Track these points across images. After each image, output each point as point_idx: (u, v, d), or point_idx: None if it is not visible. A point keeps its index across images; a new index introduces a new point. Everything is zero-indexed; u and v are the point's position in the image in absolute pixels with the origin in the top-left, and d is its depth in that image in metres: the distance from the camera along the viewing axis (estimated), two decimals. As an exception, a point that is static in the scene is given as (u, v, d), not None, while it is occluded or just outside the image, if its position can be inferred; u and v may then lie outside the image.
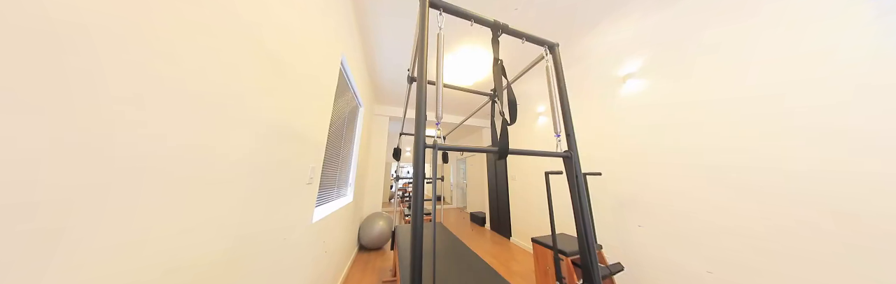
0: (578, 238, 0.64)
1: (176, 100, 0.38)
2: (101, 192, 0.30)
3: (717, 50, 1.26)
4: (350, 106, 2.06)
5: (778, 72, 1.05)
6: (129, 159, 0.32)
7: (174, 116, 0.38)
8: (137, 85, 0.33)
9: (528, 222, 2.70)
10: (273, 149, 0.70)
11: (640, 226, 1.48)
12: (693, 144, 1.31)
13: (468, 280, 1.01)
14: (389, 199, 6.73)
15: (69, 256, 0.27)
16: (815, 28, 0.98)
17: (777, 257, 1.00)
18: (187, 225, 0.42)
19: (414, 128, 0.50)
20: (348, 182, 2.20)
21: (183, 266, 0.41)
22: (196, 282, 0.44)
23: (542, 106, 2.65)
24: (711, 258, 1.19)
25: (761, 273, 1.03)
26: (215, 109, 0.46)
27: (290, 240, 0.85)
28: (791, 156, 0.99)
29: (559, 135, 0.75)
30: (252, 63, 0.57)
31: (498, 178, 3.55)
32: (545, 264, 1.53)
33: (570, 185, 0.69)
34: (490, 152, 0.60)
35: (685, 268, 1.29)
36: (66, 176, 0.26)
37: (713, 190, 1.21)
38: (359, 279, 1.90)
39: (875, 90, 0.84)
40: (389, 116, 3.54)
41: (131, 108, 0.32)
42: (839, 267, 0.86)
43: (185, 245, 0.42)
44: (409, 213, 3.00)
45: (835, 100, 0.91)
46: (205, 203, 0.45)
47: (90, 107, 0.28)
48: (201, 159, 0.44)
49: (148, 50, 0.34)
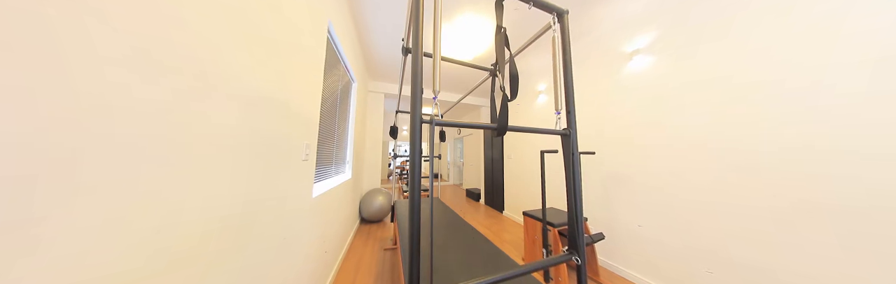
0: (568, 210, 0.68)
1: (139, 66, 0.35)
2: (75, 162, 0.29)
3: (734, 28, 1.16)
4: (343, 81, 1.96)
5: (802, 54, 0.98)
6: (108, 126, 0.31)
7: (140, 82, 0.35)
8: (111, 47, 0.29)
9: (520, 197, 2.85)
10: (263, 125, 0.67)
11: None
12: (689, 125, 1.31)
13: (463, 247, 1.10)
14: (388, 177, 6.93)
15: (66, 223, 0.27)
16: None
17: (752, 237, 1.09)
18: (184, 198, 0.42)
19: (410, 103, 0.48)
20: (346, 159, 2.23)
21: (175, 242, 0.43)
22: (201, 260, 0.46)
23: (543, 84, 2.56)
24: (686, 231, 1.30)
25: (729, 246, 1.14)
26: (190, 78, 0.43)
27: (291, 215, 0.89)
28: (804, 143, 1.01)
29: (559, 113, 0.74)
30: (224, 27, 0.51)
31: (494, 157, 3.62)
32: (534, 234, 1.66)
33: (566, 163, 0.70)
34: (489, 128, 0.59)
35: (661, 241, 1.42)
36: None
37: (706, 173, 1.25)
38: (362, 247, 2.07)
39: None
40: (384, 93, 3.42)
41: (115, 70, 0.29)
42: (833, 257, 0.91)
43: (177, 220, 0.43)
44: (408, 189, 3.13)
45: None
46: (201, 177, 0.45)
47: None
48: (188, 131, 0.42)
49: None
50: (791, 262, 0.97)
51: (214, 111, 0.48)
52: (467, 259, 0.99)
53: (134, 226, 0.34)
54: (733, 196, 1.13)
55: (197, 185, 0.44)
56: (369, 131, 3.29)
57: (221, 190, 0.51)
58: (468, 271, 0.89)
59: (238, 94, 0.55)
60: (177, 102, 0.39)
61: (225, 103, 0.51)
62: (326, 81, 1.42)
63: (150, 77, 0.35)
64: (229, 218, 0.53)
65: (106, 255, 0.31)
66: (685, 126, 1.33)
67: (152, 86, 0.36)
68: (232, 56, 0.53)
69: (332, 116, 1.66)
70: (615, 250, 1.66)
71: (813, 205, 0.93)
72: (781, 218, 1.00)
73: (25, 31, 0.24)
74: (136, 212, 0.34)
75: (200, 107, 0.44)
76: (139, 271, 0.34)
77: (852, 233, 0.85)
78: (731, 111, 1.16)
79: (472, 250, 1.07)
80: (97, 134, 0.29)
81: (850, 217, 0.85)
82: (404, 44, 0.98)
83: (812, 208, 0.93)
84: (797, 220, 0.96)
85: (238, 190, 0.56)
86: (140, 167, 0.34)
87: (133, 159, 0.33)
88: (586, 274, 0.67)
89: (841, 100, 0.89)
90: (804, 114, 0.96)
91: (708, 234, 1.22)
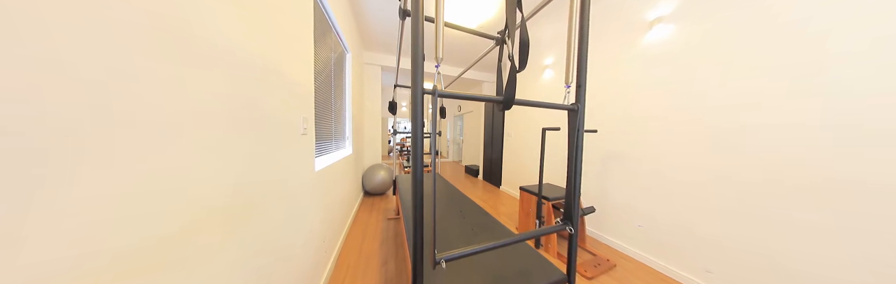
0: (567, 185, 0.69)
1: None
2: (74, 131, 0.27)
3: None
4: (336, 52, 1.82)
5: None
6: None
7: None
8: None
9: (518, 174, 2.93)
10: (256, 96, 0.64)
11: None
12: (697, 105, 1.26)
13: (462, 218, 1.16)
14: (388, 153, 7.04)
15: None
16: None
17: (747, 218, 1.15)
18: (184, 165, 0.42)
19: (411, 72, 0.44)
20: (346, 135, 2.21)
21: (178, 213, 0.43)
22: (207, 228, 0.48)
23: (551, 57, 2.40)
24: (671, 206, 1.36)
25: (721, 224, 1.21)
26: (180, 44, 0.38)
27: (296, 187, 0.91)
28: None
29: (569, 86, 0.69)
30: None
31: (494, 134, 3.61)
32: (528, 207, 1.75)
33: (570, 139, 0.68)
34: (494, 102, 0.56)
35: (653, 215, 1.50)
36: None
37: (709, 153, 1.25)
38: (367, 217, 2.20)
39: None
40: (381, 66, 3.23)
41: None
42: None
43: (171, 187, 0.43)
44: (408, 165, 3.21)
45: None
46: (199, 150, 0.44)
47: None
48: (182, 100, 0.39)
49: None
50: (781, 240, 1.03)
51: (204, 80, 0.44)
52: (466, 228, 1.05)
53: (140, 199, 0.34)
54: (726, 174, 1.16)
55: (197, 159, 0.43)
56: (367, 106, 3.21)
57: (221, 164, 0.50)
58: (467, 239, 0.96)
59: (227, 61, 0.50)
60: (163, 70, 0.36)
61: (213, 71, 0.46)
62: (319, 51, 1.32)
63: (130, 41, 0.31)
64: (236, 189, 0.54)
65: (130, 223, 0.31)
66: (699, 107, 1.28)
67: (135, 55, 0.31)
68: (214, 14, 0.46)
69: (327, 90, 1.59)
70: (603, 221, 1.78)
71: (812, 182, 0.95)
72: (776, 195, 1.03)
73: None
74: (145, 184, 0.33)
75: (190, 75, 0.40)
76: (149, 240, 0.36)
77: (848, 212, 0.87)
78: (745, 87, 1.10)
79: (470, 220, 1.14)
80: (92, 105, 0.27)
81: (848, 195, 0.88)
82: (401, 5, 0.87)
83: (810, 186, 0.95)
84: (791, 197, 0.99)
85: (236, 165, 0.56)
86: (134, 139, 0.32)
87: (128, 131, 0.31)
88: (577, 242, 0.72)
89: (859, 72, 0.83)
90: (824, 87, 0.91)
91: (697, 211, 1.28)
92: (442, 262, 0.49)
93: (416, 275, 0.49)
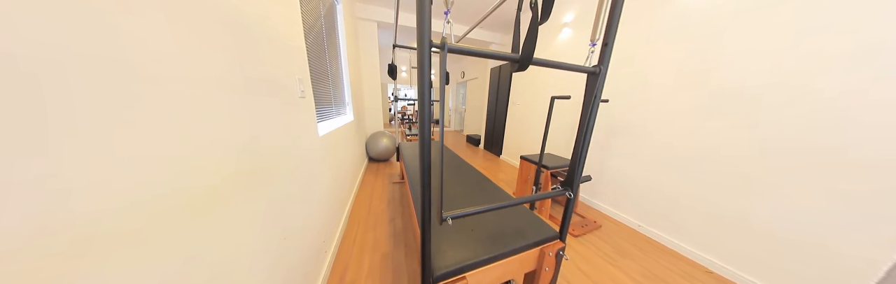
0: (574, 152, 0.69)
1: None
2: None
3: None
4: (325, 3, 1.59)
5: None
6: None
7: None
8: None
9: (519, 143, 2.96)
10: (243, 51, 0.57)
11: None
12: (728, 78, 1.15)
13: (464, 183, 1.22)
14: (390, 121, 6.99)
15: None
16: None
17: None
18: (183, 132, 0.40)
19: (416, 19, 0.38)
20: (345, 100, 2.14)
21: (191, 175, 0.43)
22: (218, 192, 0.49)
23: (571, 13, 2.10)
24: (679, 184, 1.40)
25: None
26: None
27: (304, 152, 0.92)
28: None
29: (594, 44, 0.61)
30: None
31: (498, 103, 3.50)
32: (527, 174, 1.82)
33: (584, 106, 0.64)
34: (509, 60, 0.50)
35: (657, 187, 1.56)
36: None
37: (710, 122, 1.21)
38: (373, 180, 2.33)
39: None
40: (377, 21, 2.87)
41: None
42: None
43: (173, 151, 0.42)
44: (410, 133, 3.21)
45: None
46: (201, 110, 0.41)
47: None
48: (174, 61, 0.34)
49: None
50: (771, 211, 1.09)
51: (187, 36, 0.38)
52: (468, 191, 1.11)
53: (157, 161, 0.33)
54: (728, 146, 1.15)
55: (196, 124, 0.41)
56: (365, 70, 3.01)
57: (225, 126, 0.48)
58: (469, 201, 1.02)
59: (206, 9, 0.42)
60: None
61: (195, 23, 0.40)
62: (304, 3, 1.14)
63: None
64: (247, 152, 0.54)
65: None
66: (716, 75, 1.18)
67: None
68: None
69: (320, 50, 1.45)
70: (596, 188, 1.88)
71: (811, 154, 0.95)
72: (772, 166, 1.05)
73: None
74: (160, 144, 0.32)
75: (178, 31, 0.34)
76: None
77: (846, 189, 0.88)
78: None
79: (472, 185, 1.19)
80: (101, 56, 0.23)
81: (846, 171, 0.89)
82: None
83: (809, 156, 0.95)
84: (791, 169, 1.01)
85: (241, 128, 0.54)
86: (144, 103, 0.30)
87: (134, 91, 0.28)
88: (574, 206, 0.76)
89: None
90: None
91: (696, 183, 1.32)
92: (448, 219, 0.52)
93: (425, 229, 0.53)
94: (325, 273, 1.05)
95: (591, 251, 1.34)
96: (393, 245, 1.33)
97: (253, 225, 0.57)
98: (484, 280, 0.68)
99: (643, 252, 1.34)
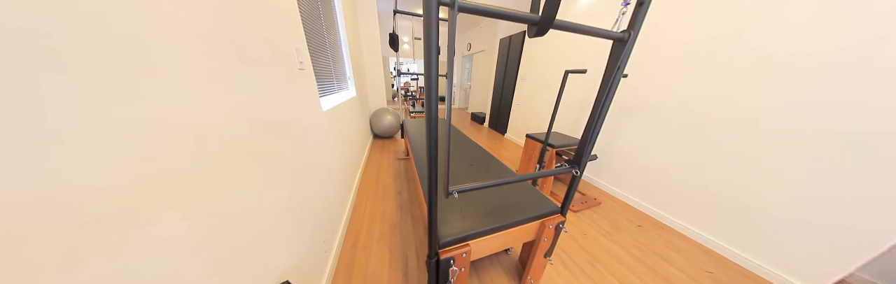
0: (586, 128, 0.66)
1: None
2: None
3: None
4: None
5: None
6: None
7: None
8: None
9: (525, 121, 2.90)
10: (230, 14, 0.51)
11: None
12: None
13: (469, 159, 1.23)
14: (393, 98, 6.83)
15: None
16: None
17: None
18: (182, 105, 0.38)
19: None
20: (346, 75, 2.05)
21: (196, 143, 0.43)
22: (224, 162, 0.48)
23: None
24: (681, 164, 1.38)
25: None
26: None
27: (309, 127, 0.90)
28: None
29: (627, 4, 0.53)
30: None
31: (506, 78, 3.32)
32: (531, 153, 1.82)
33: (605, 78, 0.59)
34: (528, 22, 0.44)
35: (654, 163, 1.55)
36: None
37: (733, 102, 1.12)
38: (379, 156, 2.38)
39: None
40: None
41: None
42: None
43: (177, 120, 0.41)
44: (414, 110, 3.15)
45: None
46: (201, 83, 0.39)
47: None
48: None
49: None
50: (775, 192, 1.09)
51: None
52: (473, 168, 1.13)
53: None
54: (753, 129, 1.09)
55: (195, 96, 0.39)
56: (365, 42, 2.81)
57: (227, 98, 0.46)
58: (474, 177, 1.04)
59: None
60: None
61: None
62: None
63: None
64: (253, 126, 0.53)
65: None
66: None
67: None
68: None
69: (316, 19, 1.33)
70: (600, 167, 1.89)
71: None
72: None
73: None
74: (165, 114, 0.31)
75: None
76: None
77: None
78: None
79: (477, 161, 1.20)
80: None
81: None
82: None
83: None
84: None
85: (241, 101, 0.51)
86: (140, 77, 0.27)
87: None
88: (578, 183, 0.76)
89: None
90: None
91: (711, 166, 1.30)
92: (455, 193, 0.53)
93: (432, 202, 0.55)
94: (339, 239, 1.14)
95: (589, 225, 1.41)
96: (400, 215, 1.41)
97: (269, 192, 0.59)
98: (486, 247, 0.73)
99: (639, 228, 1.40)
